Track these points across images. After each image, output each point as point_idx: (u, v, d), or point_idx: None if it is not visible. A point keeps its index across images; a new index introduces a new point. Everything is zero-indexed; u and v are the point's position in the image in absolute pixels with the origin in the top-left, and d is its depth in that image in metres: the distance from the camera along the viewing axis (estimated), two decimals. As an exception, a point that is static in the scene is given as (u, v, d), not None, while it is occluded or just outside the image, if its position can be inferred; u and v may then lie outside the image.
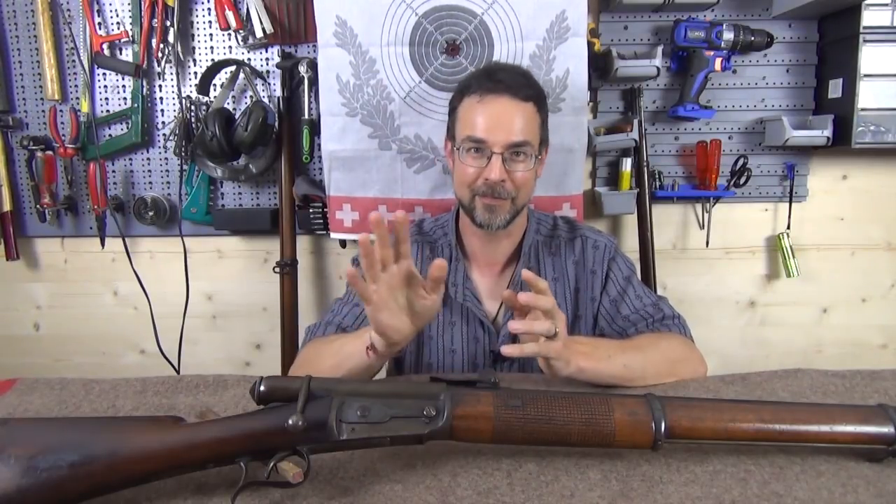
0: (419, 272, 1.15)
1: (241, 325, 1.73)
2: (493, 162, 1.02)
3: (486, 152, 1.03)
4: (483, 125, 1.03)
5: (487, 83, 1.05)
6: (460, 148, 1.06)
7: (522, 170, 1.04)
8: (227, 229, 1.63)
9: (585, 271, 1.15)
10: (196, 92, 1.52)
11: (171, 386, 0.87)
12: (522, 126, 1.03)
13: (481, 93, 1.04)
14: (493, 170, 1.02)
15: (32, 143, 1.54)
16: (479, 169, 1.04)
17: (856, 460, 0.66)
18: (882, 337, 1.74)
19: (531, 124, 1.05)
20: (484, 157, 1.03)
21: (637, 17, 1.55)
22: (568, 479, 0.63)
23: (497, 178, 1.02)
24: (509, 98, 1.03)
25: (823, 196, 1.66)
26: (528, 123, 1.04)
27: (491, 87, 1.04)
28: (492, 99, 1.03)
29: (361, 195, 1.52)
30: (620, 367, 0.87)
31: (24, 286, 1.72)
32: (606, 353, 0.88)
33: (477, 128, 1.03)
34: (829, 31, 1.53)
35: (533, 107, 1.05)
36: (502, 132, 1.02)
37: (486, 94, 1.04)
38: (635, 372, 0.88)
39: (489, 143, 1.02)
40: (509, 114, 1.03)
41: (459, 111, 1.09)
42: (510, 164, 1.03)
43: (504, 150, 1.02)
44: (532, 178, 1.08)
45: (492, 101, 1.03)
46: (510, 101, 1.03)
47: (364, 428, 0.60)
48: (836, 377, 0.86)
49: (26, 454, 0.56)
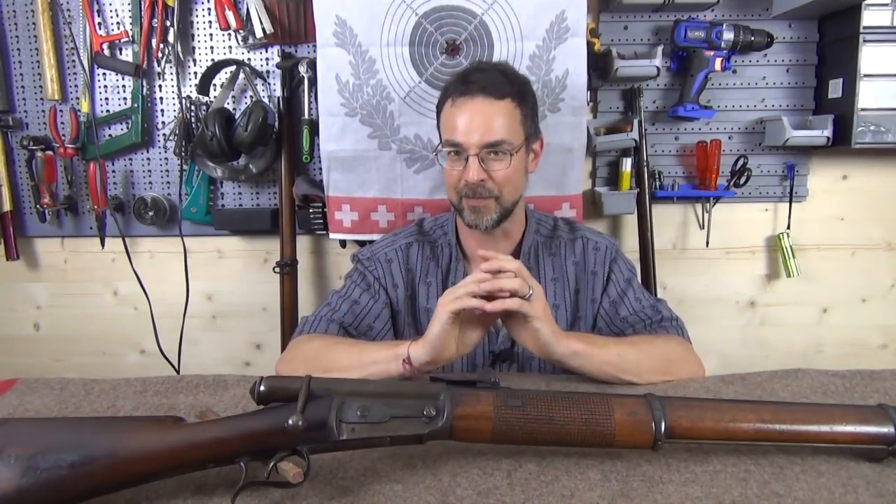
0: (418, 272, 1.17)
1: (241, 325, 1.73)
2: (470, 163, 1.03)
3: (463, 154, 1.04)
4: (458, 128, 1.04)
5: (461, 86, 1.06)
6: (441, 152, 1.08)
7: (501, 168, 1.04)
8: (227, 229, 1.62)
9: (586, 272, 1.15)
10: (196, 92, 1.52)
11: (171, 386, 0.87)
12: (499, 124, 1.03)
13: (455, 97, 1.06)
14: (470, 171, 1.03)
15: (32, 143, 1.54)
16: (460, 171, 1.05)
17: (856, 460, 0.66)
18: (882, 337, 1.74)
19: (509, 121, 1.05)
20: (462, 159, 1.05)
21: (637, 17, 1.55)
22: (568, 479, 0.63)
23: (474, 178, 1.03)
24: (483, 98, 1.04)
25: (823, 196, 1.66)
26: (504, 121, 1.04)
27: (464, 89, 1.05)
28: (464, 101, 1.05)
29: (361, 195, 1.52)
30: (615, 355, 0.89)
31: (24, 286, 1.72)
32: (602, 340, 0.92)
33: (452, 131, 1.05)
34: (829, 31, 1.53)
35: (510, 103, 1.05)
36: (476, 133, 1.02)
37: (458, 98, 1.05)
38: (629, 363, 0.89)
39: (464, 145, 1.03)
40: (482, 114, 1.03)
41: (441, 116, 1.11)
42: (488, 163, 1.04)
43: (479, 150, 1.03)
44: (516, 174, 1.07)
45: (465, 104, 1.04)
46: (483, 102, 1.03)
47: (364, 428, 0.60)
48: (836, 377, 0.86)
49: (26, 454, 0.56)
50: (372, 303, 1.12)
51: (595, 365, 0.88)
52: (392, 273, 1.15)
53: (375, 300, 1.12)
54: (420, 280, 1.15)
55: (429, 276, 1.16)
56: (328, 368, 0.90)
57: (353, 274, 1.17)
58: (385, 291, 1.14)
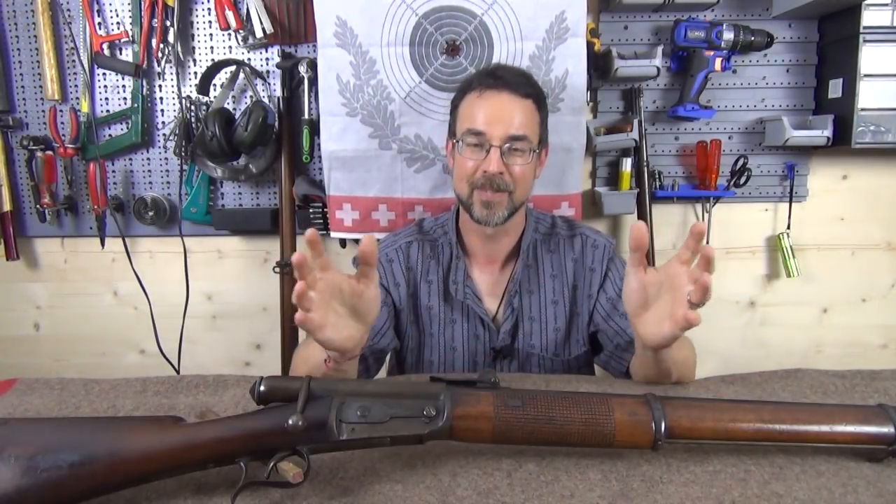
0: (419, 271, 1.17)
1: (241, 325, 1.73)
2: (492, 154, 1.04)
3: (485, 145, 1.05)
4: (483, 118, 1.05)
5: (488, 80, 1.07)
6: (460, 141, 1.08)
7: (521, 164, 1.06)
8: (227, 229, 1.62)
9: (584, 269, 1.15)
10: (196, 92, 1.52)
11: (171, 386, 0.87)
12: (521, 121, 1.05)
13: (482, 89, 1.07)
14: (492, 162, 1.03)
15: (32, 143, 1.54)
16: (477, 162, 1.06)
17: (856, 460, 0.66)
18: (882, 337, 1.74)
19: (530, 120, 1.07)
20: (483, 150, 1.05)
21: (637, 17, 1.55)
22: (568, 479, 0.63)
23: (495, 169, 1.03)
24: (509, 94, 1.05)
25: (823, 196, 1.66)
26: (527, 119, 1.06)
27: (491, 83, 1.07)
28: (492, 94, 1.06)
29: (362, 194, 1.52)
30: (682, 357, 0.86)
31: (24, 286, 1.72)
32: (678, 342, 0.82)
33: (477, 121, 1.05)
34: (829, 31, 1.53)
35: (532, 104, 1.07)
36: (501, 125, 1.04)
37: (486, 90, 1.07)
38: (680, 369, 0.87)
39: (488, 135, 1.04)
40: (508, 108, 1.05)
41: (461, 108, 1.11)
42: (508, 157, 1.05)
43: (502, 142, 1.04)
44: (530, 174, 1.09)
45: (492, 96, 1.06)
46: (510, 97, 1.05)
47: (364, 428, 0.60)
48: (836, 377, 0.86)
49: (26, 454, 0.56)
50: None
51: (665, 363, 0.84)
52: (394, 272, 1.16)
53: None
54: (421, 278, 1.16)
55: (430, 274, 1.16)
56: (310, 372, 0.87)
57: None
58: (387, 291, 1.14)
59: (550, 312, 1.14)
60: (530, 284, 1.15)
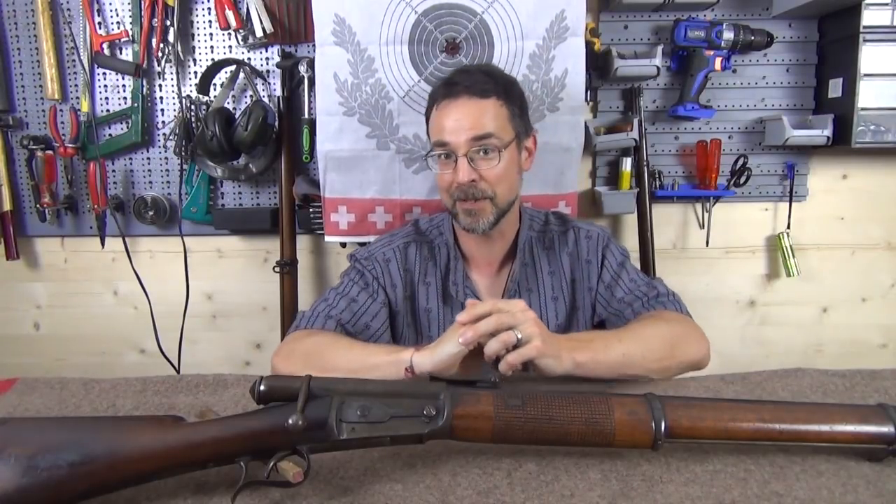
0: (417, 273, 1.16)
1: (241, 325, 1.73)
2: (459, 164, 1.03)
3: (452, 157, 1.04)
4: (445, 129, 1.05)
5: (445, 89, 1.07)
6: (432, 156, 1.08)
7: (491, 167, 1.04)
8: (227, 229, 1.62)
9: (580, 261, 1.15)
10: (196, 91, 1.52)
11: (171, 385, 0.87)
12: (482, 120, 1.03)
13: (439, 100, 1.07)
14: (460, 171, 1.03)
15: (32, 143, 1.54)
16: (451, 174, 1.05)
17: (856, 460, 0.66)
18: (882, 337, 1.74)
19: (495, 118, 1.05)
20: (452, 161, 1.05)
21: (637, 17, 1.55)
22: (568, 478, 0.63)
23: (464, 179, 1.03)
24: (466, 98, 1.04)
25: (823, 196, 1.66)
26: (491, 118, 1.04)
27: (447, 92, 1.06)
28: (449, 103, 1.06)
29: (358, 196, 1.52)
30: (619, 355, 0.87)
31: (24, 286, 1.72)
32: (603, 343, 0.88)
33: (440, 132, 1.05)
34: (829, 31, 1.53)
35: (496, 101, 1.05)
36: (462, 132, 1.03)
37: (442, 100, 1.07)
38: (635, 359, 0.88)
39: (452, 145, 1.04)
40: (467, 113, 1.04)
41: (429, 123, 1.12)
42: (477, 163, 1.04)
43: (467, 149, 1.03)
44: (509, 173, 1.07)
45: (449, 105, 1.05)
46: (467, 101, 1.04)
47: (364, 427, 0.60)
48: (836, 377, 0.86)
49: (26, 454, 0.56)
50: (370, 301, 1.11)
51: (601, 371, 0.86)
52: (390, 273, 1.15)
53: (374, 299, 1.12)
54: (419, 280, 1.16)
55: (428, 276, 1.16)
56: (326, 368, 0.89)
57: (351, 272, 1.16)
58: (384, 291, 1.14)
59: (551, 309, 1.14)
60: (528, 283, 1.14)
